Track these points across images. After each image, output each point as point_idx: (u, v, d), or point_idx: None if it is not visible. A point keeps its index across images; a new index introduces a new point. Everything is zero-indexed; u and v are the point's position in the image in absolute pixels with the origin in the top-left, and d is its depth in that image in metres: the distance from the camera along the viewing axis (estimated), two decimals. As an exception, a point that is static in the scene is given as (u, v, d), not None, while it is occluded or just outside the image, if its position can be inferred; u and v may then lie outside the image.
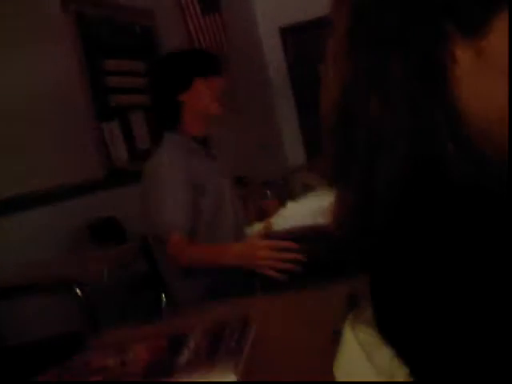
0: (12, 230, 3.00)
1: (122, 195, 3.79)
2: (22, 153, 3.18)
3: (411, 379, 0.55)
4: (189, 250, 2.02)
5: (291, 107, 5.69)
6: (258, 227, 1.94)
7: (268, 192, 4.32)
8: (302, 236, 1.86)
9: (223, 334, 0.93)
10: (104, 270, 2.19)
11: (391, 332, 0.57)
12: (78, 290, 2.23)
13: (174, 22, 4.81)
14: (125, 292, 3.33)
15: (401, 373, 0.56)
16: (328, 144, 0.60)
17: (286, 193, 4.42)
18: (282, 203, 2.43)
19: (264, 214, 2.35)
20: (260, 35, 5.70)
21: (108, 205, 3.68)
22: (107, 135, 3.86)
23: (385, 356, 0.58)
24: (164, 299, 2.26)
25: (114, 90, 4.00)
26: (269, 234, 1.85)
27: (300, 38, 5.67)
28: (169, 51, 2.33)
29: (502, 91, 0.52)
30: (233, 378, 0.77)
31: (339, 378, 0.65)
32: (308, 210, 1.87)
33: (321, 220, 1.71)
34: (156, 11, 4.53)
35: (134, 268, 3.07)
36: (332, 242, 0.64)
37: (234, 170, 2.63)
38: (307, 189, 2.95)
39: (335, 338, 0.82)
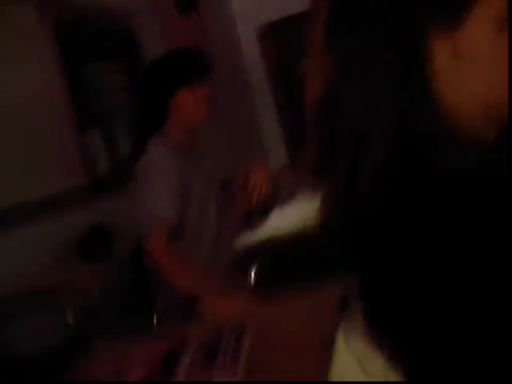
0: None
1: (109, 203, 3.77)
2: (2, 169, 3.14)
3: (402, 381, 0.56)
4: (171, 261, 2.04)
5: (271, 107, 5.68)
6: (243, 239, 1.95)
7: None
8: (289, 243, 1.88)
9: (219, 347, 0.93)
10: (93, 287, 2.18)
11: (382, 335, 0.58)
12: (69, 314, 2.21)
13: (152, 23, 4.78)
14: (115, 299, 3.32)
15: (394, 379, 0.57)
16: (311, 138, 0.60)
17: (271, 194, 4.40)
18: (268, 205, 2.42)
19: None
20: (238, 35, 5.68)
21: (95, 214, 3.65)
22: (90, 143, 3.84)
23: (378, 363, 0.59)
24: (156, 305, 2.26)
25: (96, 95, 3.97)
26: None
27: (277, 37, 5.66)
28: (156, 55, 2.35)
29: (480, 84, 0.53)
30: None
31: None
32: (295, 215, 1.88)
33: (309, 225, 1.72)
34: (133, 14, 4.50)
35: (122, 277, 3.06)
36: (320, 244, 0.64)
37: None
38: (292, 189, 2.95)
39: (324, 348, 0.83)
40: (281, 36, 5.58)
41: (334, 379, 0.66)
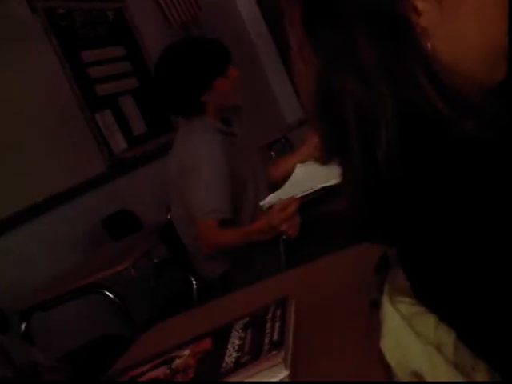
0: (27, 242, 3.01)
1: (129, 184, 3.79)
2: (22, 163, 3.17)
3: (458, 344, 0.56)
4: (218, 239, 2.09)
5: (277, 62, 5.61)
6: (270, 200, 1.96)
7: (272, 154, 4.28)
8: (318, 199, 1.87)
9: (265, 324, 0.93)
10: (130, 267, 2.21)
11: (429, 297, 0.57)
12: (109, 293, 2.25)
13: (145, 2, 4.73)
14: (150, 278, 3.36)
15: (448, 340, 0.57)
16: (317, 130, 0.59)
17: (290, 151, 4.38)
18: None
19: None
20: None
21: (117, 196, 3.68)
22: (102, 126, 3.84)
23: (429, 324, 0.58)
24: (193, 281, 2.29)
25: (99, 80, 3.96)
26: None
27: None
28: (171, 47, 2.22)
29: (470, 29, 0.51)
30: (284, 371, 0.78)
31: (388, 354, 0.66)
32: (317, 172, 1.86)
33: (333, 180, 1.71)
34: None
35: (155, 254, 3.10)
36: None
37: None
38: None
39: (372, 308, 0.83)
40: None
41: (387, 344, 0.66)
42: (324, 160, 0.61)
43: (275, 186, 2.19)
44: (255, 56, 5.70)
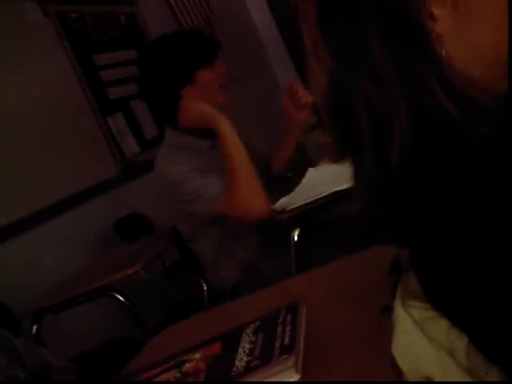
0: (38, 244, 3.02)
1: (140, 187, 3.80)
2: (33, 166, 3.18)
3: (471, 349, 0.55)
4: (238, 199, 1.91)
5: (288, 65, 5.60)
6: (282, 203, 1.93)
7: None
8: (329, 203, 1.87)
9: (275, 328, 0.93)
10: (140, 270, 2.21)
11: (441, 301, 0.57)
12: (119, 296, 2.26)
13: (156, 2, 4.74)
14: (161, 281, 3.37)
15: (460, 344, 0.56)
16: (330, 131, 0.59)
17: (301, 154, 4.37)
18: (297, 167, 2.40)
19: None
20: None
21: (129, 200, 3.69)
22: (114, 129, 3.85)
23: (441, 329, 0.58)
24: (204, 285, 2.29)
25: (111, 84, 3.97)
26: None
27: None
28: (158, 38, 2.11)
29: (484, 36, 0.50)
30: (295, 376, 0.78)
31: (399, 359, 0.65)
32: (329, 176, 1.86)
33: (345, 184, 1.70)
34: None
35: (166, 257, 3.10)
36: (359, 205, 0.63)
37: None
38: (321, 147, 2.92)
39: (384, 313, 0.82)
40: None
41: (399, 349, 0.65)
42: (335, 158, 0.61)
43: (280, 176, 2.13)
44: (266, 58, 5.69)
